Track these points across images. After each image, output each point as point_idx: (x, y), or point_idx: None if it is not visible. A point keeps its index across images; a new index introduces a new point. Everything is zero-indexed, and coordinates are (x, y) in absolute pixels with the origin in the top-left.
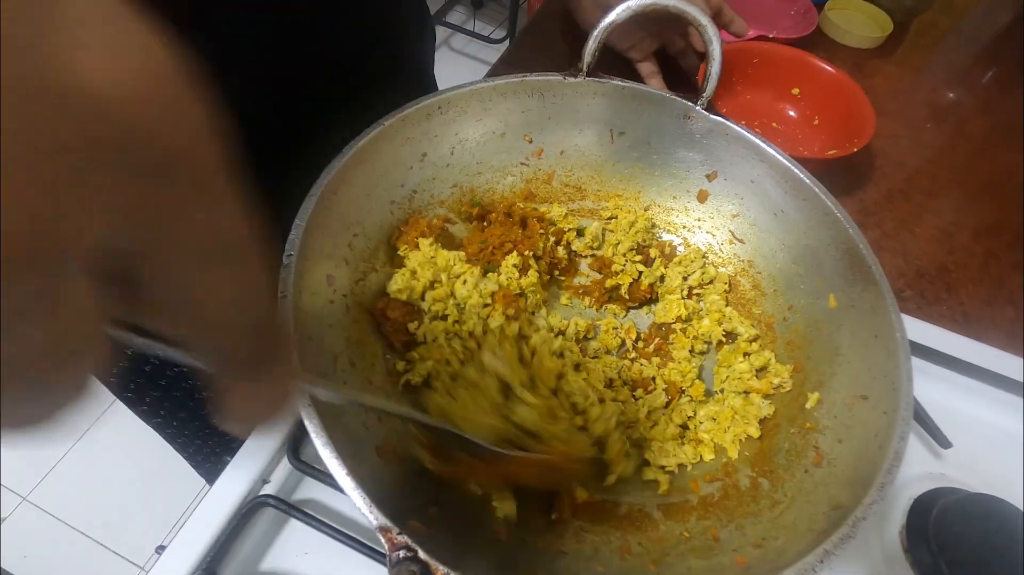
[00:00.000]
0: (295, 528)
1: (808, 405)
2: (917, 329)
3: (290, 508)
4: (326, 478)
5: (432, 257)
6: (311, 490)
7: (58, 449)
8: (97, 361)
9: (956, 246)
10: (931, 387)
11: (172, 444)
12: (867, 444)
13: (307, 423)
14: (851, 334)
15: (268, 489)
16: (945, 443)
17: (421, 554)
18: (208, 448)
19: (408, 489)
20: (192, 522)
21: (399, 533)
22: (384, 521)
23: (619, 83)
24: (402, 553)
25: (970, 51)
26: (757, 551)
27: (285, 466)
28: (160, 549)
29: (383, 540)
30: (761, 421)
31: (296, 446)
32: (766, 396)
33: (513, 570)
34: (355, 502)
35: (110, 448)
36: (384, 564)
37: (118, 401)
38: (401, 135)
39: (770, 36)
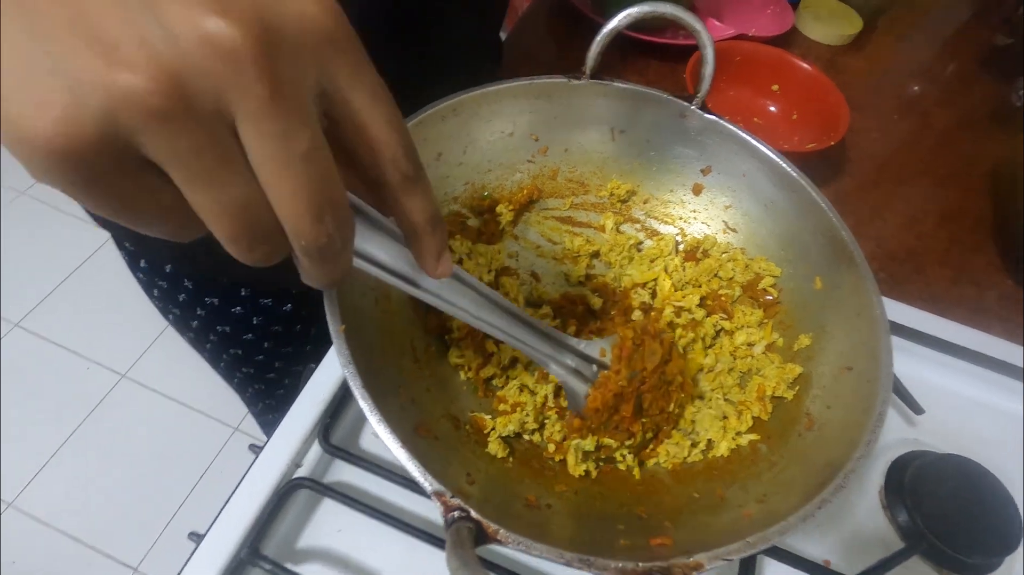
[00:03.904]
0: (328, 508)
1: (798, 375)
2: (890, 308)
3: (324, 489)
4: (356, 459)
5: (469, 252)
6: (341, 472)
7: (42, 455)
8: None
9: (923, 231)
10: (904, 360)
11: (229, 383)
12: (853, 409)
13: (361, 403)
14: (836, 312)
15: (301, 472)
16: (918, 409)
17: (474, 514)
18: (260, 389)
19: (445, 463)
20: (232, 506)
21: (452, 496)
22: (438, 486)
23: (621, 85)
24: (456, 514)
25: (933, 47)
26: (760, 506)
27: (316, 450)
28: (194, 536)
29: (438, 504)
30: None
31: (326, 431)
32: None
33: (544, 529)
34: (410, 471)
35: (95, 452)
36: (415, 536)
37: (102, 403)
38: (418, 136)
39: (749, 34)
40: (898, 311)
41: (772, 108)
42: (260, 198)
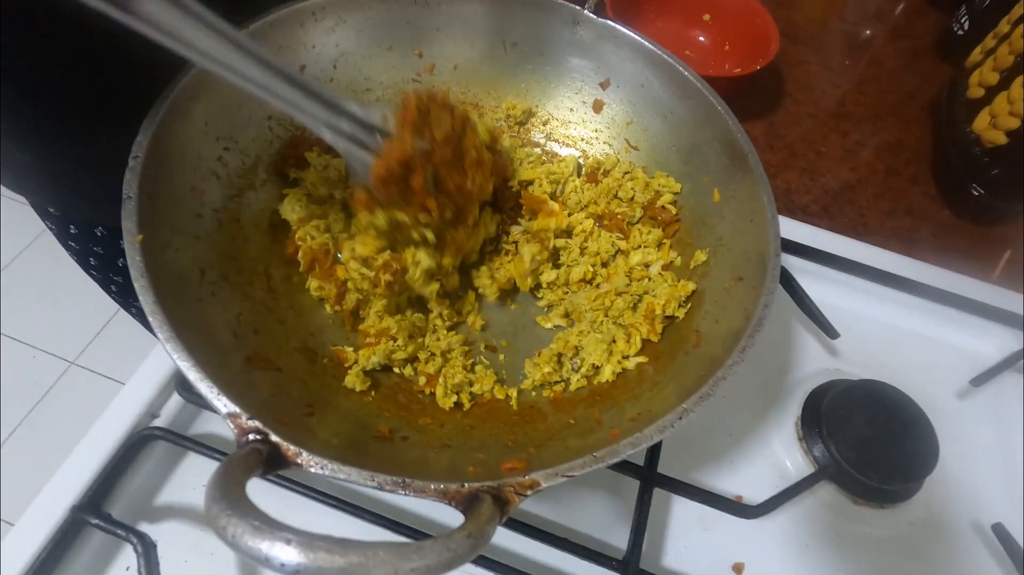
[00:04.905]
0: (193, 461)
1: (691, 293)
2: (818, 237)
3: (182, 440)
4: None
5: (325, 168)
6: (209, 423)
7: None
8: None
9: (859, 163)
10: (825, 288)
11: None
12: (738, 319)
13: (151, 318)
14: (731, 224)
15: (158, 423)
16: (833, 333)
17: (272, 436)
18: None
19: (280, 393)
20: (70, 461)
21: (249, 418)
22: (232, 407)
23: None
24: (251, 436)
25: None
26: (631, 424)
27: (177, 400)
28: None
29: (232, 427)
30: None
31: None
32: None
33: (387, 460)
34: (201, 392)
35: (45, 442)
36: (292, 490)
37: (51, 391)
38: (271, 42)
39: None
40: (826, 239)
41: (703, 39)
42: None
